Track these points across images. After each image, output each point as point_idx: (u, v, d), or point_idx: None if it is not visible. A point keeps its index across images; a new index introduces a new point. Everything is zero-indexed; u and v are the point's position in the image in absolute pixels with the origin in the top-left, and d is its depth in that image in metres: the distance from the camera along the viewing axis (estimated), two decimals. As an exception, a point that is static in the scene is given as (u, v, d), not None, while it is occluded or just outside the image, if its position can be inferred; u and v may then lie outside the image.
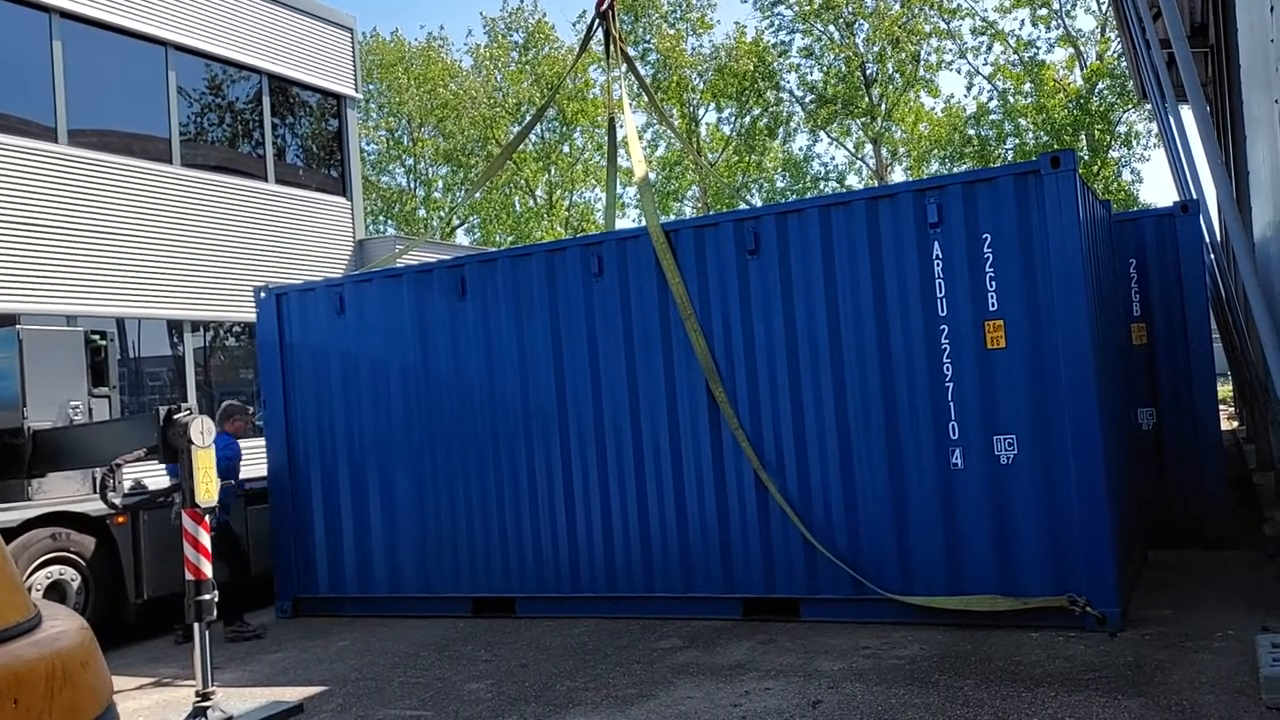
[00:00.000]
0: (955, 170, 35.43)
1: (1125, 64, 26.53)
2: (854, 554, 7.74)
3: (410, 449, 9.53)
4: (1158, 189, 68.47)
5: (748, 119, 38.91)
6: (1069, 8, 36.08)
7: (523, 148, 36.32)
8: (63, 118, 12.80)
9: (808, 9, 37.04)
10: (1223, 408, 17.08)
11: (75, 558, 8.76)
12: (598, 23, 11.16)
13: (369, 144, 39.63)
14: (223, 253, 14.60)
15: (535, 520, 8.97)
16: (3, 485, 8.90)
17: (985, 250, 7.32)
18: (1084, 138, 33.99)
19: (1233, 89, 13.25)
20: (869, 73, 37.40)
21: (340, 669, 7.75)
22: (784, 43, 38.00)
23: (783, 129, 39.21)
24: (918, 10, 36.03)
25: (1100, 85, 34.20)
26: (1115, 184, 34.99)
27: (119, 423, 9.03)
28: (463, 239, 41.18)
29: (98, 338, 9.68)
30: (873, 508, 7.71)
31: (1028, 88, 35.67)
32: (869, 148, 39.14)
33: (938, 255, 7.47)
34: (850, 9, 36.67)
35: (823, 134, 39.49)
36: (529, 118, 30.31)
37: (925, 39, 36.90)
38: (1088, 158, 33.06)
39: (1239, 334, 11.35)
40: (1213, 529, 9.38)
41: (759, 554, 8.10)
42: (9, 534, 8.21)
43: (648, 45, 37.71)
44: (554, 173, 40.07)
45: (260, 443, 10.62)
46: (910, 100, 38.09)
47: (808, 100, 38.51)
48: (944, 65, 38.00)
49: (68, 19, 12.88)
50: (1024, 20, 38.92)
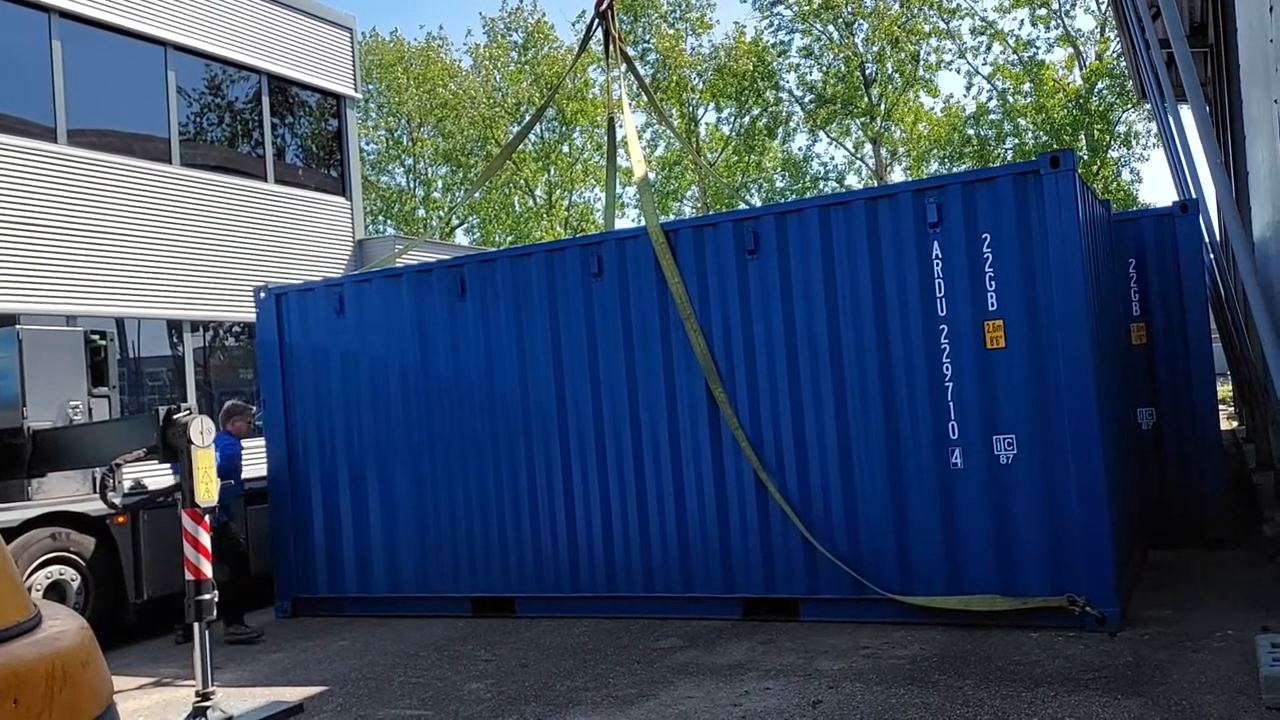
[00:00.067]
0: (955, 170, 35.44)
1: (1124, 64, 26.54)
2: (854, 554, 7.75)
3: (410, 449, 9.53)
4: (1157, 189, 68.48)
5: (747, 119, 38.93)
6: (1068, 7, 36.15)
7: (522, 147, 36.31)
8: (62, 118, 12.79)
9: (807, 9, 37.05)
10: (1222, 407, 17.07)
11: (75, 558, 8.76)
12: (597, 22, 11.17)
13: (368, 144, 39.66)
14: (222, 253, 14.59)
15: (535, 520, 8.98)
16: (3, 485, 8.89)
17: (985, 250, 7.32)
18: (1083, 137, 34.01)
19: (1232, 89, 13.25)
20: (868, 72, 37.41)
21: (340, 669, 7.75)
22: (783, 42, 38.06)
23: (782, 129, 39.24)
24: (917, 10, 36.04)
25: (1100, 85, 34.22)
26: (1115, 184, 35.01)
27: (119, 423, 9.03)
28: (462, 239, 41.21)
29: (97, 338, 9.68)
30: (872, 508, 7.71)
31: (1027, 88, 35.69)
32: (868, 148, 39.17)
33: (937, 255, 7.47)
34: (849, 9, 36.68)
35: (822, 134, 39.51)
36: (528, 117, 30.30)
37: (925, 39, 36.92)
38: (1087, 157, 33.07)
39: (1238, 334, 11.35)
40: (1212, 529, 9.38)
41: (759, 554, 8.10)
42: (9, 534, 8.21)
43: (647, 45, 37.71)
44: (553, 173, 40.08)
45: (260, 443, 10.63)
46: (910, 100, 38.10)
47: (807, 100, 38.53)
48: (943, 65, 38.06)
49: (67, 19, 12.86)
50: (1023, 20, 38.94)
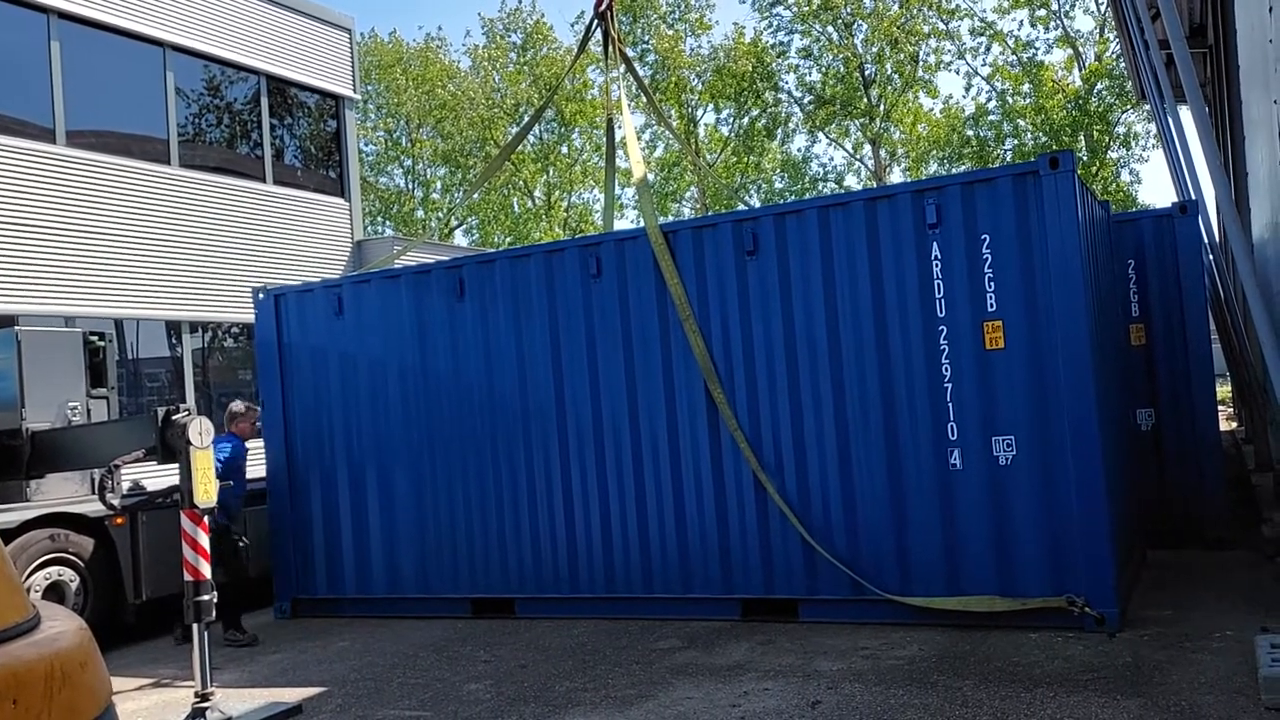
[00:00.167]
0: (954, 171, 35.45)
1: (1124, 65, 26.55)
2: (853, 555, 7.74)
3: (409, 449, 9.52)
4: (1156, 190, 68.66)
5: (746, 120, 38.96)
6: (1068, 8, 36.22)
7: (521, 148, 36.32)
8: (61, 118, 12.79)
9: (806, 10, 37.08)
10: (1221, 408, 17.08)
11: (74, 558, 8.75)
12: (596, 23, 11.18)
13: (367, 145, 39.67)
14: (221, 253, 14.59)
15: (534, 521, 8.97)
16: (1, 486, 8.90)
17: (984, 251, 7.32)
18: (1083, 138, 34.04)
19: (1231, 90, 13.26)
20: (867, 73, 37.44)
21: (339, 670, 7.75)
22: (782, 43, 38.11)
23: (781, 130, 39.28)
24: (916, 11, 36.07)
25: (1099, 86, 34.26)
26: (1114, 185, 35.04)
27: (117, 424, 9.03)
28: (461, 240, 41.23)
29: (96, 339, 9.67)
30: (871, 509, 7.70)
31: (1026, 88, 35.73)
32: (867, 148, 39.20)
33: (936, 256, 7.47)
34: (849, 10, 36.71)
35: (821, 135, 39.55)
36: (527, 118, 30.31)
37: (924, 39, 36.96)
38: (1086, 158, 33.11)
39: (1237, 335, 11.36)
40: (1211, 530, 9.38)
41: (758, 555, 8.10)
42: (8, 535, 8.20)
43: (646, 46, 37.74)
44: (552, 174, 40.10)
45: (259, 443, 10.61)
46: (909, 101, 38.15)
47: (806, 101, 38.57)
48: (942, 66, 38.11)
49: (66, 20, 12.87)
50: (1023, 21, 38.98)
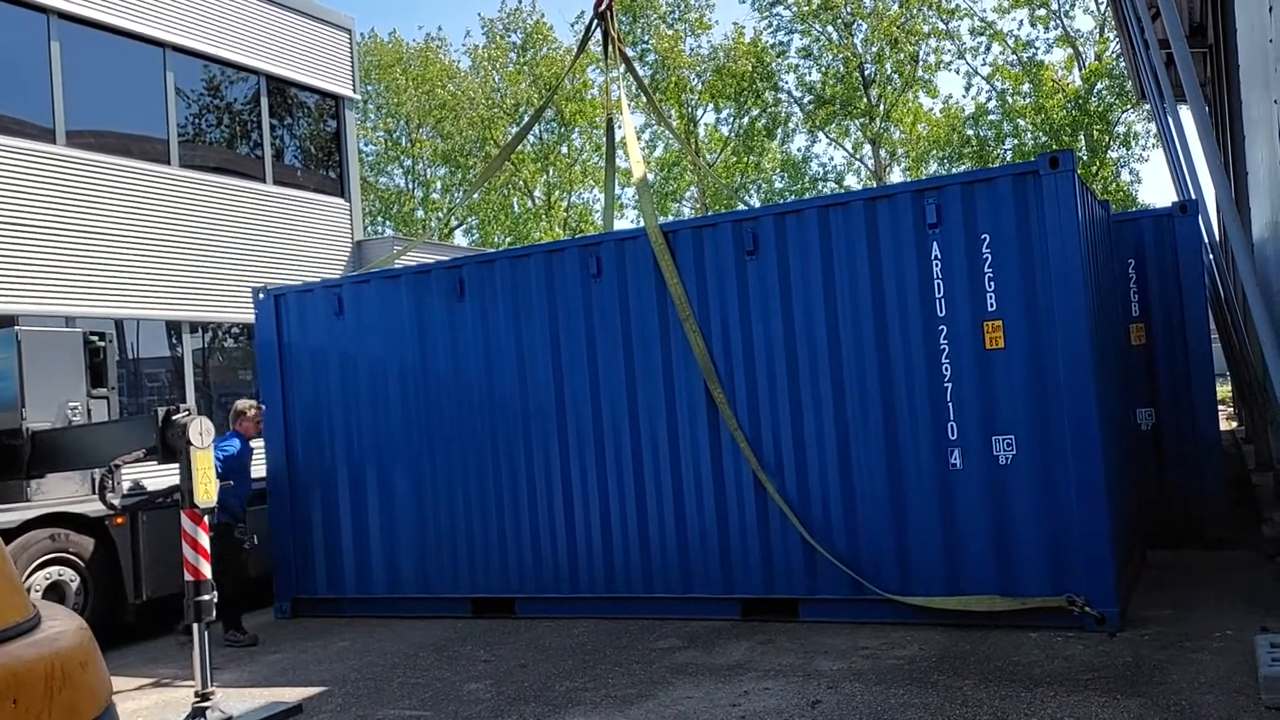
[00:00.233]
0: (954, 171, 35.45)
1: (1124, 64, 26.55)
2: (853, 554, 7.74)
3: (409, 449, 9.52)
4: (1156, 189, 68.67)
5: (746, 119, 38.95)
6: (1067, 8, 36.22)
7: (521, 148, 36.31)
8: (61, 119, 12.78)
9: (806, 9, 37.07)
10: (1221, 408, 17.08)
11: (74, 558, 8.75)
12: (596, 23, 11.18)
13: (367, 145, 39.66)
14: (221, 253, 14.58)
15: (534, 521, 8.97)
16: (2, 486, 8.90)
17: (984, 251, 7.32)
18: (1083, 138, 34.04)
19: (1231, 89, 13.26)
20: (867, 73, 37.44)
21: (339, 669, 7.75)
22: (782, 43, 38.10)
23: (781, 129, 39.27)
24: (916, 10, 36.06)
25: (1099, 85, 34.25)
26: (1114, 184, 35.04)
27: (118, 424, 9.02)
28: (461, 240, 41.22)
29: (96, 339, 9.67)
30: (871, 508, 7.71)
31: (1026, 88, 35.72)
32: (867, 148, 39.19)
33: (936, 256, 7.47)
34: (849, 9, 36.70)
35: (821, 134, 39.54)
36: (527, 118, 30.30)
37: (924, 39, 36.96)
38: (1086, 158, 33.10)
39: (1238, 334, 11.36)
40: (1212, 529, 9.38)
41: (758, 555, 8.10)
42: (8, 535, 8.21)
43: (646, 46, 37.73)
44: (552, 174, 40.09)
45: (259, 443, 10.59)
46: (909, 101, 38.14)
47: (806, 101, 38.57)
48: (942, 66, 38.10)
49: (65, 20, 12.86)
50: (1022, 20, 38.93)
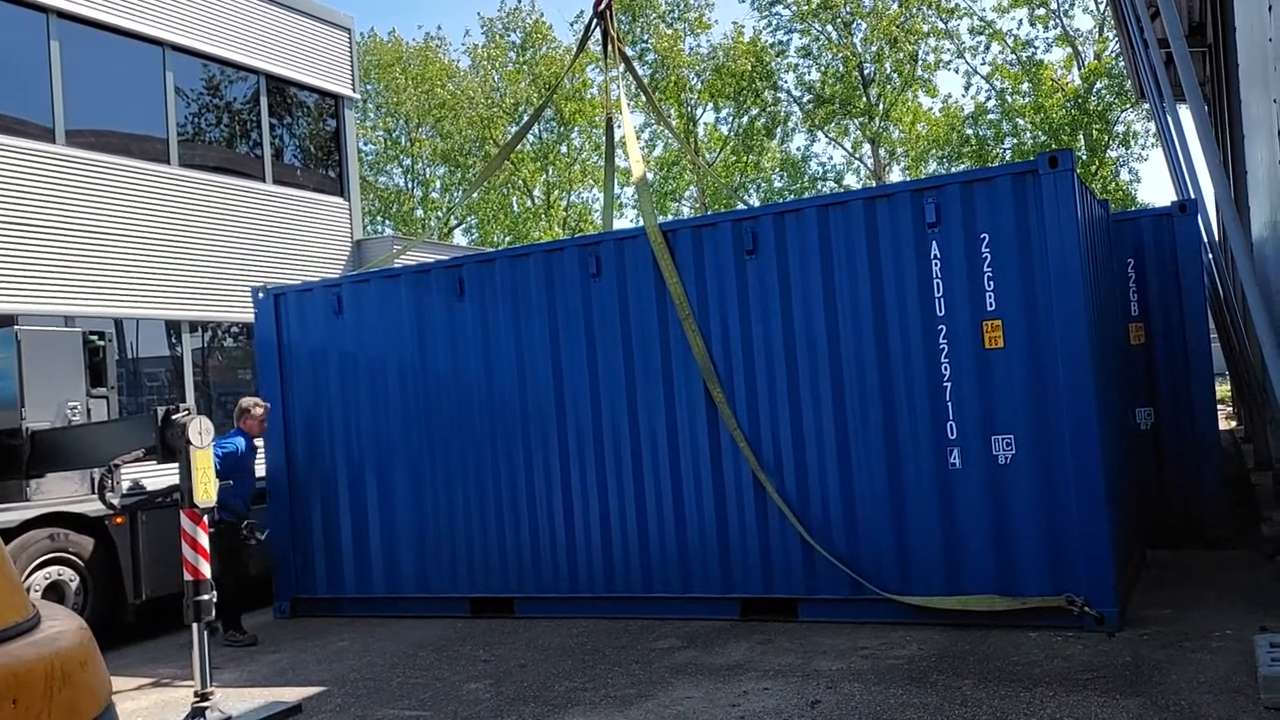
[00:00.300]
0: (953, 170, 35.45)
1: (1123, 63, 26.55)
2: (852, 554, 7.74)
3: (408, 449, 9.52)
4: (1156, 188, 68.71)
5: (745, 119, 38.96)
6: (1067, 7, 36.20)
7: (520, 148, 36.31)
8: (60, 118, 12.78)
9: (805, 9, 37.07)
10: (1221, 407, 17.09)
11: (74, 558, 8.75)
12: (595, 22, 11.17)
13: (366, 144, 39.65)
14: (220, 253, 14.58)
15: (534, 520, 8.97)
16: (1, 486, 8.89)
17: (983, 250, 7.31)
18: (1082, 137, 34.04)
19: (1231, 89, 13.27)
20: (867, 72, 37.44)
21: (339, 669, 7.75)
22: (782, 42, 38.11)
23: (780, 129, 39.28)
24: (915, 10, 36.07)
25: (1098, 85, 34.26)
26: (1113, 183, 35.05)
27: (117, 423, 9.02)
28: (460, 239, 41.21)
29: (96, 338, 9.66)
30: (871, 508, 7.71)
31: (1025, 87, 35.73)
32: (867, 147, 39.20)
33: (935, 255, 7.47)
34: (848, 9, 36.71)
35: (820, 134, 39.55)
36: (527, 118, 30.30)
37: (923, 38, 36.96)
38: (1086, 157, 33.10)
39: (1237, 333, 11.36)
40: (1211, 529, 9.38)
41: (757, 554, 8.10)
42: (7, 534, 8.20)
43: (645, 45, 37.72)
44: (551, 173, 40.08)
45: (259, 442, 10.59)
46: (908, 100, 38.15)
47: (805, 100, 38.57)
48: (942, 65, 38.12)
49: (65, 19, 12.86)
50: (1022, 20, 38.97)
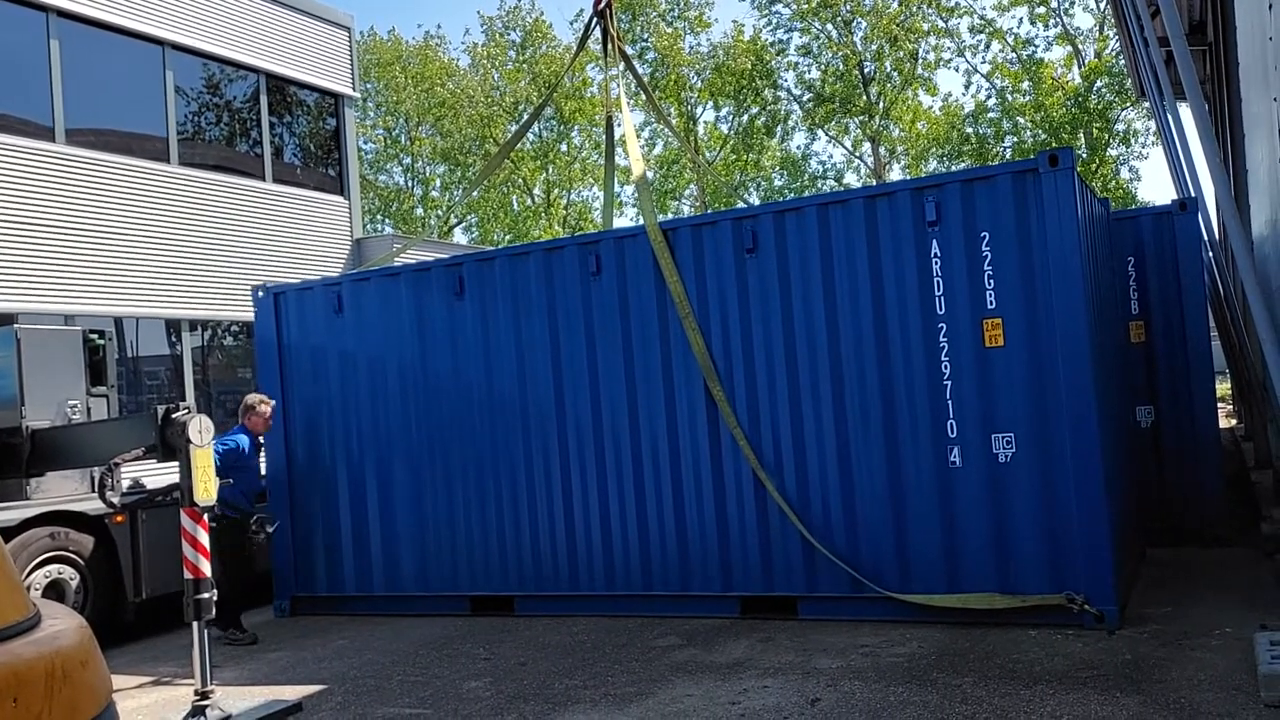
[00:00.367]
0: (953, 169, 35.44)
1: (1123, 62, 26.54)
2: (852, 552, 7.74)
3: (408, 447, 9.52)
4: (1156, 187, 68.67)
5: (745, 117, 38.95)
6: (1067, 6, 36.22)
7: (520, 146, 36.30)
8: (60, 117, 12.77)
9: (805, 7, 37.06)
10: (1221, 406, 17.09)
11: (74, 557, 8.75)
12: (595, 21, 11.16)
13: (366, 143, 39.65)
14: (221, 252, 14.57)
15: (534, 519, 8.97)
16: (1, 484, 8.89)
17: (983, 249, 7.31)
18: (1082, 136, 34.03)
19: (1231, 87, 13.27)
20: (867, 71, 37.42)
21: (339, 667, 7.75)
22: (782, 41, 38.10)
23: (780, 127, 39.26)
24: (916, 8, 36.05)
25: (1098, 83, 34.24)
26: (1113, 182, 35.04)
27: (117, 422, 9.02)
28: (460, 238, 41.19)
29: (96, 337, 9.66)
30: (871, 506, 7.71)
31: (1026, 86, 35.71)
32: (867, 146, 39.19)
33: (936, 254, 7.46)
34: (848, 7, 36.69)
35: (820, 132, 39.54)
36: (527, 116, 30.27)
37: (923, 37, 36.94)
38: (1086, 156, 33.09)
39: (1237, 332, 11.36)
40: (1211, 527, 9.38)
41: (757, 552, 8.10)
42: (7, 533, 8.20)
43: (645, 44, 37.71)
44: (551, 171, 40.07)
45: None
46: (908, 98, 38.13)
47: (805, 99, 38.55)
48: (942, 63, 38.11)
49: (65, 18, 12.85)
50: (1022, 18, 39.00)
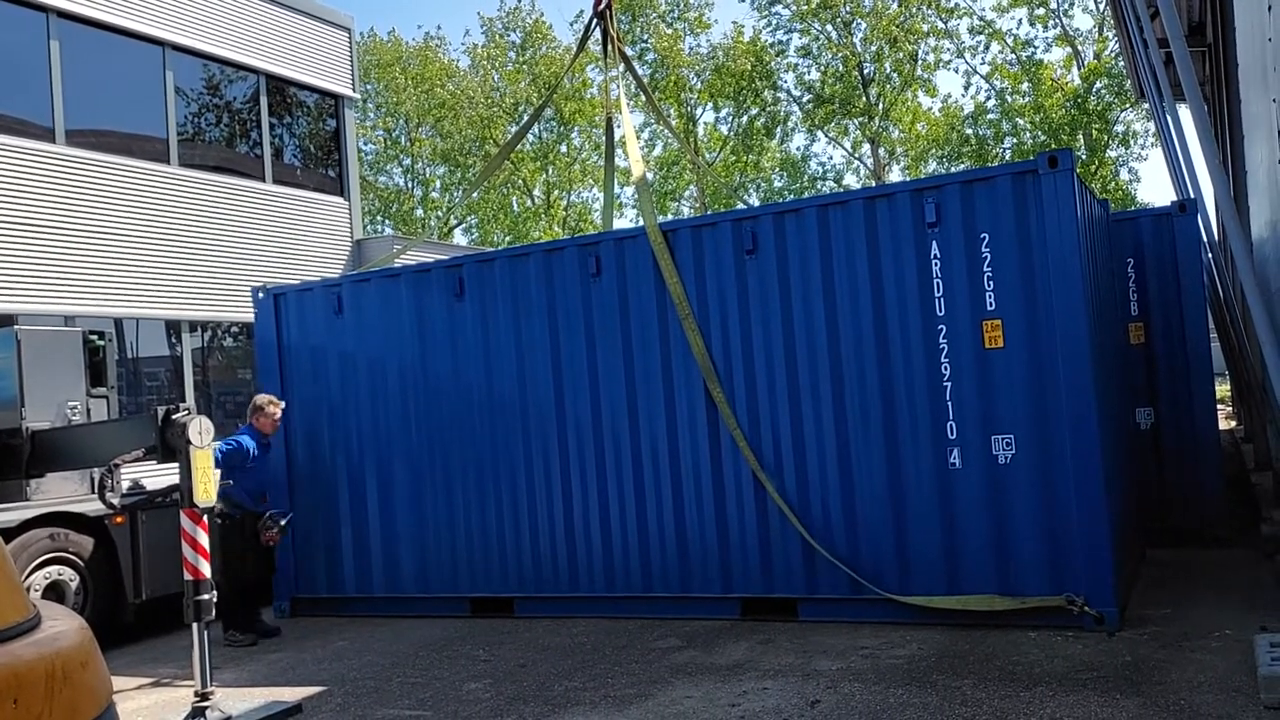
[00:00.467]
0: (953, 170, 35.45)
1: (1123, 63, 26.56)
2: (852, 554, 7.75)
3: (408, 449, 9.52)
4: (1155, 188, 68.69)
5: (745, 118, 38.94)
6: (1066, 7, 36.20)
7: (520, 147, 36.30)
8: (60, 118, 12.77)
9: (805, 8, 37.06)
10: (1220, 407, 17.09)
11: (74, 558, 8.75)
12: (595, 22, 11.17)
13: (366, 144, 39.63)
14: (221, 253, 14.57)
15: (534, 520, 8.97)
16: (1, 485, 8.89)
17: (983, 250, 7.32)
18: (1082, 137, 34.04)
19: (1230, 88, 13.27)
20: (866, 72, 37.43)
21: (339, 669, 7.75)
22: (781, 42, 38.10)
23: (780, 128, 39.27)
24: (915, 9, 36.06)
25: (1098, 84, 34.26)
26: (1113, 183, 35.05)
27: (117, 423, 9.01)
28: (460, 239, 41.19)
29: (96, 338, 9.66)
30: (871, 507, 7.71)
31: (1025, 87, 35.73)
32: (866, 147, 39.19)
33: (935, 255, 7.47)
34: (848, 8, 36.70)
35: (820, 134, 39.54)
36: (526, 117, 30.28)
37: (923, 38, 36.96)
38: (1085, 157, 33.11)
39: (1237, 333, 11.36)
40: (1211, 528, 9.39)
41: (757, 554, 8.10)
42: (7, 534, 8.20)
43: (645, 45, 37.71)
44: (551, 173, 40.07)
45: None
46: (908, 100, 38.14)
47: (805, 100, 38.56)
48: (941, 65, 38.10)
49: (65, 19, 12.84)
50: (1021, 20, 39.01)
